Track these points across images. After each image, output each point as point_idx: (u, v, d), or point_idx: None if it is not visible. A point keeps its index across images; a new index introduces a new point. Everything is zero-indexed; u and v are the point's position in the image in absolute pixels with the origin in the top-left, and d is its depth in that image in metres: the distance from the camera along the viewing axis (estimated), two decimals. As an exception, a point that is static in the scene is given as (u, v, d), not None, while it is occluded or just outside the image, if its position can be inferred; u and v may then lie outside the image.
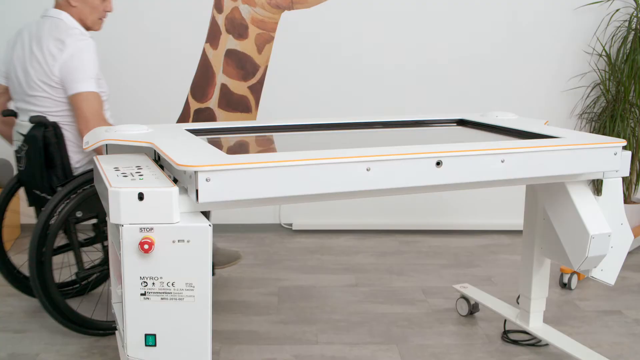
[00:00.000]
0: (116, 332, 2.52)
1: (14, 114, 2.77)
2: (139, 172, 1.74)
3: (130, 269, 1.60)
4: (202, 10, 3.80)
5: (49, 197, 2.62)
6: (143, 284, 1.61)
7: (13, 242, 3.81)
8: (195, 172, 1.59)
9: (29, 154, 2.61)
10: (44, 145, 2.58)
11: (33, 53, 2.61)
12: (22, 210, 3.99)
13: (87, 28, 2.72)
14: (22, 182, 2.77)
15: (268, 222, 4.12)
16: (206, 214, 2.92)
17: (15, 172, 3.86)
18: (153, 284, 1.62)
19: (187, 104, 3.88)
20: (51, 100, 2.61)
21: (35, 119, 2.58)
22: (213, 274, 2.61)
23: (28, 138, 2.59)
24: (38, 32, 2.64)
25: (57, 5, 2.70)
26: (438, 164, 1.81)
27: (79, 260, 2.63)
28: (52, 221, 2.48)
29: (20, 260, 3.20)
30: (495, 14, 3.91)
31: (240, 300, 3.00)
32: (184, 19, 3.75)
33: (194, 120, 3.88)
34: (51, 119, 2.61)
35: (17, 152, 2.71)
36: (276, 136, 2.33)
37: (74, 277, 3.03)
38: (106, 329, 2.62)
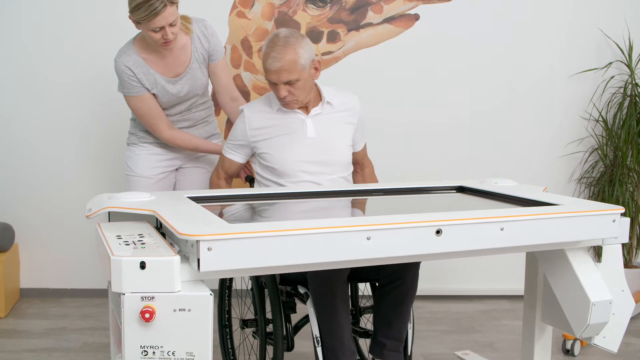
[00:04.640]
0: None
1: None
2: (141, 241, 1.75)
3: (130, 338, 1.60)
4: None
5: None
6: (143, 353, 1.61)
7: (12, 307, 3.79)
8: (197, 241, 1.61)
9: None
10: None
11: None
12: (22, 274, 3.98)
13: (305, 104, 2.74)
14: None
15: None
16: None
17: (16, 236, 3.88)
18: (154, 352, 1.61)
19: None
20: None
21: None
22: None
23: None
24: None
25: None
26: (438, 232, 1.82)
27: None
28: None
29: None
30: (492, 80, 3.97)
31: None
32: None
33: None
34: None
35: None
36: (276, 204, 2.35)
37: None
38: None
